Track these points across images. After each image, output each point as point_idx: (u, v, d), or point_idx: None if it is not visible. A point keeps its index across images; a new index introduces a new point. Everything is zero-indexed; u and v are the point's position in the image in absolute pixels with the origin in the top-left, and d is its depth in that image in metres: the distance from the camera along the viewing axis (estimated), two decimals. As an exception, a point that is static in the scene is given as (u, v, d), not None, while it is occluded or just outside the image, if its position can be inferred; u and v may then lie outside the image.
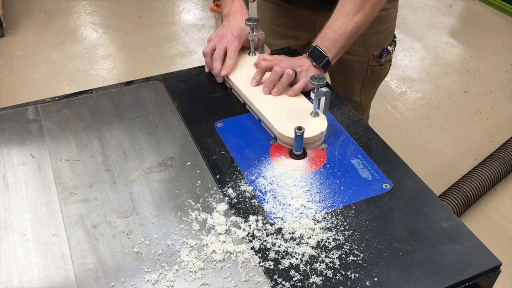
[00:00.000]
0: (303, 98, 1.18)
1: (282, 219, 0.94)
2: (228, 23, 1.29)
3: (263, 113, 1.12)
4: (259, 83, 1.20)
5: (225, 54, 1.26)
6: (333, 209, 0.96)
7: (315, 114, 1.11)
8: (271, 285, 0.83)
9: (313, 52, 1.22)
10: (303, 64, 1.20)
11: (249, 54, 1.30)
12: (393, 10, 1.50)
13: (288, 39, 1.55)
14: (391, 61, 1.61)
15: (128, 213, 0.94)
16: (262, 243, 0.89)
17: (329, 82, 1.78)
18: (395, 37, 1.56)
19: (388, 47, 1.54)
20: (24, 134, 1.11)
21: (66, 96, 1.23)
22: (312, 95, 1.07)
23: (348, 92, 1.59)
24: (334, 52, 1.22)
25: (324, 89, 1.06)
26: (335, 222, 0.93)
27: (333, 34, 1.21)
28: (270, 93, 1.17)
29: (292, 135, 1.04)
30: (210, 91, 1.25)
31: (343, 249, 0.88)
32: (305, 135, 1.05)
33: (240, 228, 0.92)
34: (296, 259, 0.87)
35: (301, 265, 0.86)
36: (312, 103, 1.12)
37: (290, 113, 1.12)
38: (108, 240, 0.89)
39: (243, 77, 1.22)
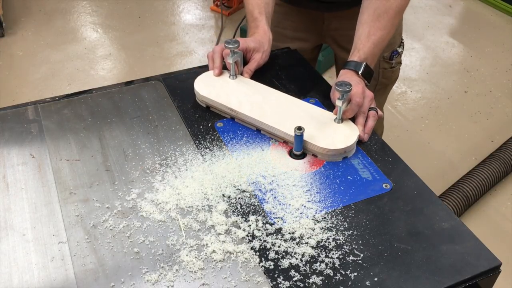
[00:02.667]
0: (312, 106, 1.16)
1: (282, 219, 0.94)
2: None
3: (292, 134, 1.05)
4: (364, 125, 1.13)
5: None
6: (333, 209, 0.96)
7: (339, 120, 1.10)
8: (271, 285, 0.83)
9: (365, 70, 1.19)
10: (370, 93, 1.16)
11: (229, 77, 1.24)
12: None
13: (294, 42, 1.54)
14: (401, 63, 1.60)
15: (128, 213, 0.94)
16: (262, 243, 0.89)
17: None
18: (402, 39, 1.56)
19: (398, 49, 1.53)
20: (24, 134, 1.11)
21: (66, 96, 1.23)
22: (339, 102, 1.06)
23: None
24: (373, 65, 1.23)
25: (348, 95, 1.06)
26: (335, 222, 0.93)
27: (374, 49, 1.21)
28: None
29: (336, 147, 1.04)
30: (210, 91, 1.25)
31: (343, 249, 0.88)
32: (346, 144, 1.04)
33: (240, 228, 0.92)
34: (296, 259, 0.87)
35: (301, 265, 0.86)
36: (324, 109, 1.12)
37: (317, 125, 1.09)
38: (108, 240, 0.89)
39: (247, 104, 1.15)
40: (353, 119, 1.12)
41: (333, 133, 1.08)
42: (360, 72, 1.18)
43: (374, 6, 1.21)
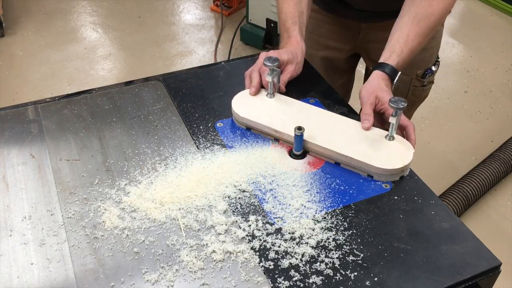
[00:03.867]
0: (357, 123, 1.10)
1: (282, 219, 0.94)
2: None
3: (346, 154, 1.02)
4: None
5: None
6: (333, 209, 0.96)
7: (391, 137, 1.06)
8: (271, 285, 0.83)
9: (395, 78, 1.15)
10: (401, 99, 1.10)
11: (267, 95, 1.17)
12: (441, 27, 1.45)
13: (327, 50, 1.51)
14: (433, 82, 1.54)
15: (128, 213, 0.94)
16: (262, 243, 0.89)
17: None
18: (438, 58, 1.49)
19: (433, 67, 1.47)
20: (24, 134, 1.11)
21: (66, 96, 1.23)
22: (393, 119, 1.02)
23: None
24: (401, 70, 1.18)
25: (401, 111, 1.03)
26: (335, 222, 0.93)
27: (410, 55, 1.16)
28: None
29: (394, 166, 1.00)
30: (210, 91, 1.25)
31: (343, 249, 0.88)
32: (403, 163, 1.00)
33: (240, 228, 0.92)
34: (296, 259, 0.87)
35: (301, 265, 0.86)
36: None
37: (369, 144, 1.05)
38: (108, 240, 0.89)
39: (292, 124, 1.07)
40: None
41: (388, 152, 1.03)
42: (394, 82, 1.12)
43: (416, 10, 1.15)
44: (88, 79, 3.01)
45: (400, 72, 1.13)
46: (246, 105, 1.15)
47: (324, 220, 0.93)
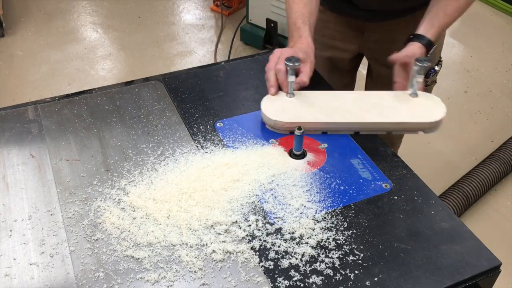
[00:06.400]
0: (381, 92, 1.19)
1: (282, 219, 0.94)
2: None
3: (399, 121, 1.11)
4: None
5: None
6: (333, 209, 0.96)
7: (414, 94, 1.16)
8: (271, 285, 0.83)
9: (431, 50, 1.22)
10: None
11: (287, 95, 1.16)
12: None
13: (332, 50, 1.51)
14: (435, 82, 1.56)
15: (128, 213, 0.94)
16: (262, 243, 0.89)
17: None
18: (441, 58, 1.52)
19: (436, 67, 1.49)
20: (24, 134, 1.11)
21: (66, 96, 1.23)
22: (419, 78, 1.13)
23: None
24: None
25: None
26: (335, 222, 0.93)
27: (444, 28, 1.24)
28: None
29: (440, 117, 1.10)
30: (210, 91, 1.25)
31: (343, 249, 0.88)
32: (444, 110, 1.12)
33: (240, 228, 0.92)
34: (296, 259, 0.87)
35: (301, 265, 0.86)
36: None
37: (407, 106, 1.14)
38: (108, 240, 0.89)
39: (335, 112, 1.12)
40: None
41: (426, 107, 1.13)
42: (429, 54, 1.20)
43: None
44: (88, 79, 3.01)
45: (435, 46, 1.21)
46: (279, 111, 1.12)
47: (324, 220, 0.93)
